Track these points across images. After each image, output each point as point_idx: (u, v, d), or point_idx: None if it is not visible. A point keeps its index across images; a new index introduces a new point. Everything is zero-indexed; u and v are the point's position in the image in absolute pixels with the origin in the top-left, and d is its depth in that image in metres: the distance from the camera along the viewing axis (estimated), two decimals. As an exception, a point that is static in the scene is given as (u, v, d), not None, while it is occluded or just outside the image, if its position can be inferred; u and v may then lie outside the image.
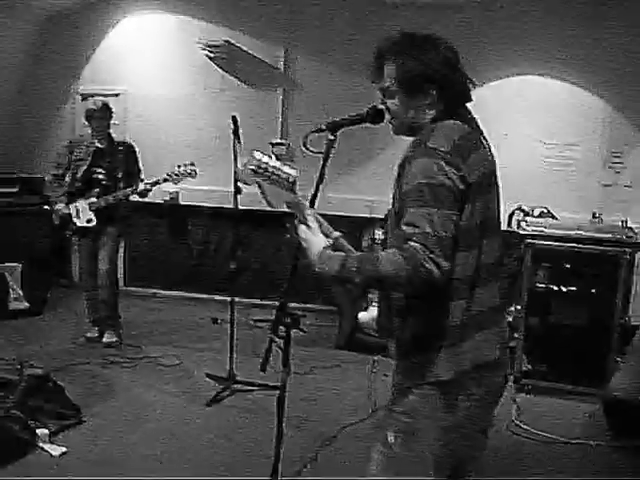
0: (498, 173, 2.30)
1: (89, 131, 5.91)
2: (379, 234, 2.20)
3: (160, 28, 7.60)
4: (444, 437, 2.20)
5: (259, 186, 2.26)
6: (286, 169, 2.24)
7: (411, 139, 2.24)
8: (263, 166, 2.21)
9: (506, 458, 4.20)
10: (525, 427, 4.66)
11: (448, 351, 2.16)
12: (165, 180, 5.61)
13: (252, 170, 2.20)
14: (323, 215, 2.37)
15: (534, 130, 6.70)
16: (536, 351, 5.41)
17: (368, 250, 2.24)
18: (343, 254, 2.16)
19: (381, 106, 2.33)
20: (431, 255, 1.97)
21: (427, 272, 1.97)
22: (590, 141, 6.61)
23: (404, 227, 2.05)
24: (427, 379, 2.18)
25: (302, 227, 2.29)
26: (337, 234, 2.33)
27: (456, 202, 2.07)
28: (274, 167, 2.22)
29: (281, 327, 2.54)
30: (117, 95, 7.54)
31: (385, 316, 2.30)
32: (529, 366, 5.41)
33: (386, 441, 2.26)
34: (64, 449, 4.04)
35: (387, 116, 2.34)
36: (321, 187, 2.40)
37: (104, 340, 5.96)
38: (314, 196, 2.40)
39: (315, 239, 2.25)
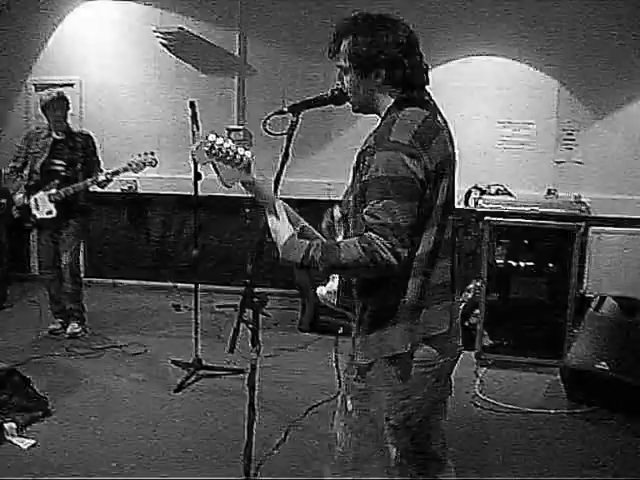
0: (456, 151, 2.38)
1: (46, 122, 5.84)
2: (337, 213, 2.28)
3: (114, 16, 7.50)
4: (398, 403, 2.30)
5: (213, 166, 2.29)
6: (240, 150, 2.28)
7: (370, 125, 2.30)
8: (217, 146, 2.25)
9: (471, 430, 4.32)
10: (488, 399, 4.78)
11: (404, 325, 2.26)
12: (125, 169, 5.57)
13: (206, 151, 2.24)
14: (282, 199, 2.42)
15: (489, 110, 6.79)
16: (496, 326, 5.54)
17: (327, 230, 2.33)
18: (307, 242, 2.24)
19: (338, 82, 2.38)
20: (388, 244, 2.09)
21: (384, 260, 2.09)
22: (544, 120, 6.73)
23: (365, 217, 2.15)
24: (384, 353, 2.28)
25: (271, 217, 2.35)
26: (304, 223, 2.43)
27: (417, 192, 2.16)
28: (228, 147, 2.26)
29: (248, 309, 2.58)
30: (71, 85, 7.45)
31: (345, 290, 2.40)
32: (490, 341, 5.54)
33: (346, 409, 2.36)
34: (33, 441, 4.03)
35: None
36: (285, 167, 2.43)
37: (68, 331, 5.92)
38: (278, 175, 2.44)
39: (282, 228, 2.33)
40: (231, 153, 2.25)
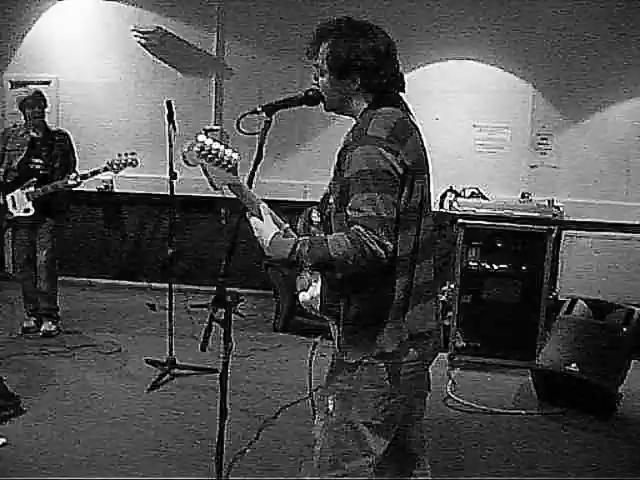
0: (429, 155, 2.41)
1: (22, 120, 5.81)
2: (315, 216, 2.28)
3: (91, 14, 7.48)
4: (384, 402, 2.32)
5: (203, 169, 2.32)
6: (228, 151, 2.32)
7: (346, 126, 2.32)
8: (207, 148, 2.28)
9: (443, 430, 4.36)
10: (460, 400, 4.82)
11: (392, 325, 2.28)
12: (105, 169, 5.54)
13: (197, 151, 2.27)
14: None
15: (465, 113, 6.86)
16: (469, 328, 5.58)
17: (303, 231, 2.32)
18: (294, 239, 2.26)
19: (314, 82, 2.41)
20: (375, 237, 2.10)
21: (372, 253, 2.10)
22: (518, 124, 6.80)
23: (349, 212, 2.17)
24: (372, 352, 2.28)
25: (254, 219, 2.38)
26: (286, 226, 2.43)
27: (397, 186, 2.18)
28: (217, 149, 2.29)
29: (220, 307, 2.59)
30: (48, 83, 7.41)
31: (329, 296, 2.39)
32: (463, 343, 5.58)
33: (327, 409, 2.37)
34: (4, 440, 3.99)
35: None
36: (259, 167, 2.45)
37: (43, 329, 5.88)
38: (251, 175, 2.45)
39: (267, 227, 2.34)
40: (220, 154, 2.29)
